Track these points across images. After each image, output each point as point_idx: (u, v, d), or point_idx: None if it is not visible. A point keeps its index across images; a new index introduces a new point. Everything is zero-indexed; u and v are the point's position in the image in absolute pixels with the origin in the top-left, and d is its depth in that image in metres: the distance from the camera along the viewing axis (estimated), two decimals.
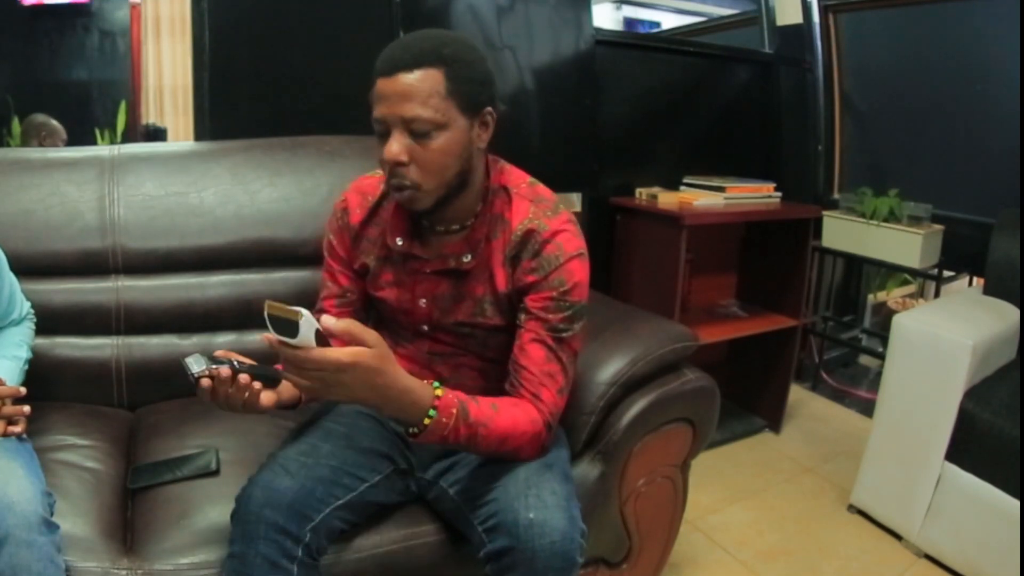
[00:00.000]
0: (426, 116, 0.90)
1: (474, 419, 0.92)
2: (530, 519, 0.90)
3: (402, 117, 0.90)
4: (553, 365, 1.00)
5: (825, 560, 1.71)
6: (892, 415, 1.76)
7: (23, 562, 0.81)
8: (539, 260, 1.00)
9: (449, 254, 1.04)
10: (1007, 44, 2.11)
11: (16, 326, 1.20)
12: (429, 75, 0.89)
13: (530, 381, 0.99)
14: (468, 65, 0.93)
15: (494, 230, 1.03)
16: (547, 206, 1.03)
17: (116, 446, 1.24)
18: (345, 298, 1.16)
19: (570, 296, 0.99)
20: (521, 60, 2.07)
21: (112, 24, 2.83)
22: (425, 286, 1.07)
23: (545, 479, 0.95)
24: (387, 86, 0.90)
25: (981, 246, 1.96)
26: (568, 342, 1.01)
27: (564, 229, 1.01)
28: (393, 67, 0.90)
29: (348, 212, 1.12)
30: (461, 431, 0.91)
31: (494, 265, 1.03)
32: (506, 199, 1.04)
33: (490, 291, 1.04)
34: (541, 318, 1.00)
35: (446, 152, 0.93)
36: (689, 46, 2.55)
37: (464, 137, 0.94)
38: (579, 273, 1.00)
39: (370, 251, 1.11)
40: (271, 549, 0.89)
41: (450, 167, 0.94)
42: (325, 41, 1.79)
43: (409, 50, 0.91)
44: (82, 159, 1.45)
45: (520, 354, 1.00)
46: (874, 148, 2.70)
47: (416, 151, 0.92)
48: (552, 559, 0.89)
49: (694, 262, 2.24)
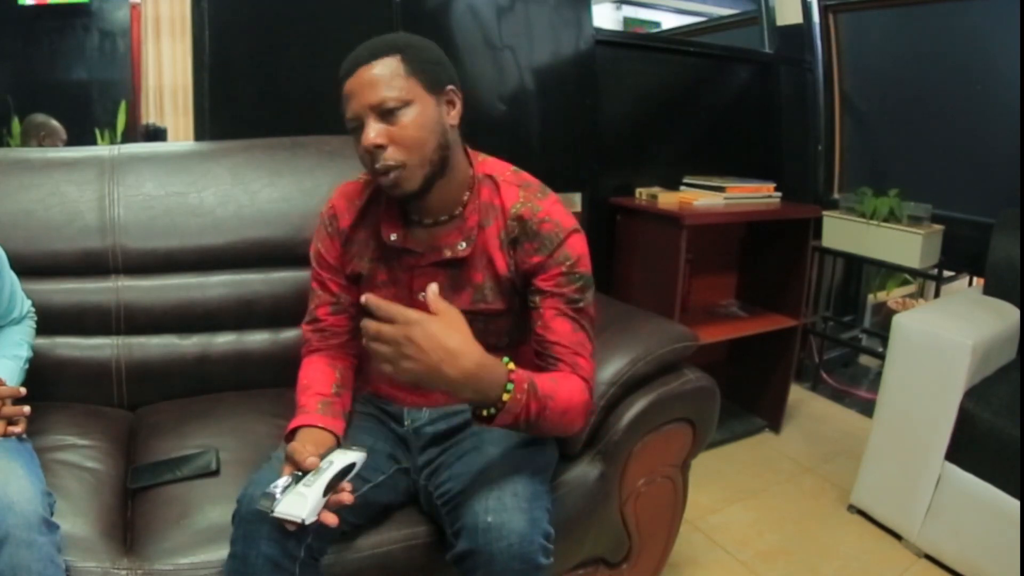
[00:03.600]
0: (392, 95, 0.94)
1: (543, 392, 0.93)
2: (488, 523, 0.90)
3: (370, 104, 0.94)
4: (580, 334, 1.03)
5: (825, 560, 1.71)
6: (892, 415, 1.76)
7: (23, 562, 0.81)
8: (540, 240, 1.03)
9: (444, 245, 1.06)
10: (1007, 44, 2.11)
11: (16, 325, 1.20)
12: (386, 62, 0.95)
13: (565, 353, 1.02)
14: (421, 50, 0.99)
15: (487, 217, 1.06)
16: (535, 189, 1.07)
17: (116, 446, 1.24)
18: (339, 304, 1.15)
19: (578, 268, 1.03)
20: (521, 60, 2.07)
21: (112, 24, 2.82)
22: (422, 280, 1.07)
23: (510, 481, 0.95)
24: (351, 84, 0.96)
25: (981, 246, 1.96)
26: (585, 310, 1.05)
27: (555, 208, 1.05)
28: (354, 66, 0.96)
29: (337, 217, 1.13)
30: (532, 407, 0.92)
31: (492, 250, 1.05)
32: (493, 187, 1.07)
33: (491, 276, 1.06)
34: (557, 293, 1.03)
35: (419, 126, 0.96)
36: (689, 46, 2.55)
37: (433, 113, 0.98)
38: (580, 246, 1.04)
39: (362, 254, 1.12)
40: (273, 549, 0.90)
41: (427, 141, 0.97)
42: (325, 41, 1.79)
43: (365, 48, 0.97)
44: (82, 159, 1.45)
45: (546, 331, 1.03)
46: (874, 148, 2.70)
47: (391, 132, 0.95)
48: (510, 562, 0.89)
49: (694, 262, 2.24)
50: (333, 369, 1.13)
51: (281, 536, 0.90)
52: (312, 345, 1.17)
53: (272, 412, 1.31)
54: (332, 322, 1.16)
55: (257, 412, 1.32)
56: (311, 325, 1.17)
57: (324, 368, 1.13)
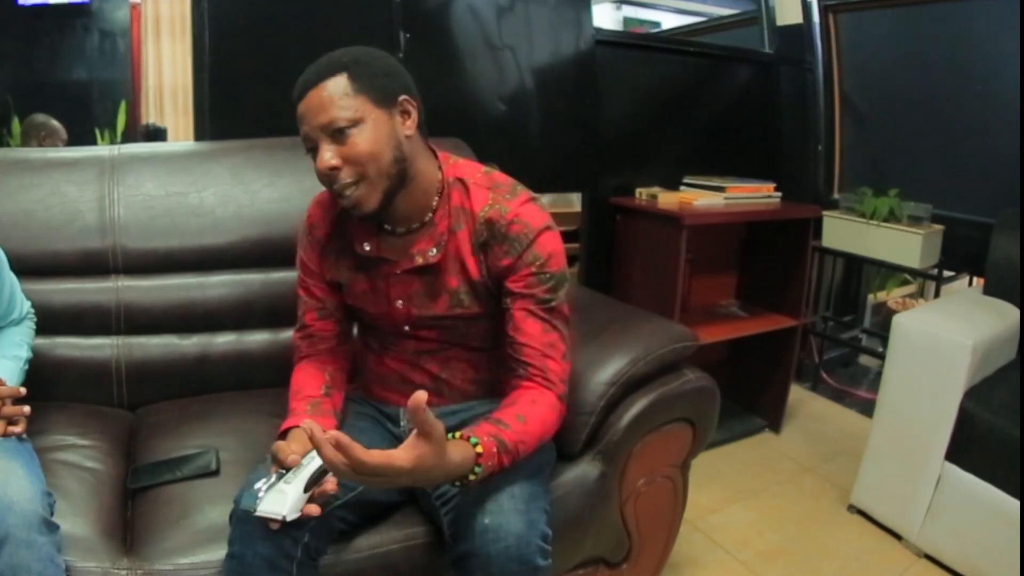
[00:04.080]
0: (341, 115, 0.94)
1: (512, 443, 0.92)
2: (485, 524, 0.91)
3: (320, 125, 0.94)
4: (551, 335, 1.03)
5: (825, 560, 1.71)
6: (892, 415, 1.76)
7: (23, 562, 0.81)
8: (509, 242, 1.02)
9: (416, 252, 1.06)
10: (1007, 44, 2.11)
11: (16, 325, 1.20)
12: (334, 81, 0.95)
13: (533, 355, 1.02)
14: (368, 64, 0.98)
15: (457, 221, 1.05)
16: (505, 190, 1.05)
17: (116, 446, 1.24)
18: (325, 309, 1.15)
19: (548, 267, 1.02)
20: (521, 60, 2.07)
21: (112, 24, 2.83)
22: (399, 288, 1.08)
23: (507, 483, 0.95)
24: (302, 107, 0.96)
25: (981, 246, 1.96)
26: (558, 309, 1.04)
27: (525, 208, 1.03)
28: (303, 89, 0.96)
29: (314, 227, 1.14)
30: (505, 462, 0.92)
31: (464, 255, 1.05)
32: (463, 190, 1.06)
33: (464, 281, 1.06)
34: (526, 295, 1.02)
35: (371, 142, 0.95)
36: (689, 46, 2.55)
37: (386, 127, 0.97)
38: (550, 244, 1.03)
39: (339, 263, 1.12)
40: (270, 550, 0.90)
41: (381, 156, 0.96)
42: (325, 41, 1.78)
43: (312, 71, 0.97)
44: (82, 159, 1.45)
45: (516, 333, 1.03)
46: (874, 148, 2.70)
47: (344, 152, 0.95)
48: (508, 563, 0.89)
49: (694, 262, 2.24)
50: (322, 372, 1.13)
51: (278, 536, 0.89)
52: (302, 352, 1.17)
53: (272, 412, 1.31)
54: (320, 327, 1.16)
55: (257, 412, 1.32)
56: (300, 332, 1.18)
57: (313, 372, 1.13)
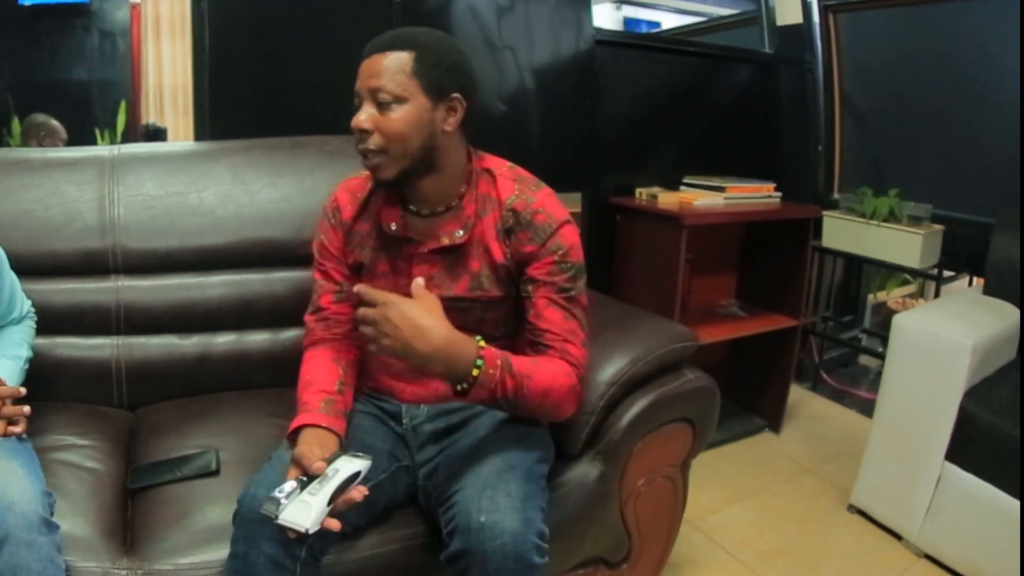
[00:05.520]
0: (388, 88, 0.99)
1: (518, 370, 0.97)
2: (481, 522, 0.91)
3: (369, 88, 1.01)
4: (572, 322, 1.07)
5: (825, 560, 1.71)
6: (892, 415, 1.76)
7: (23, 562, 0.81)
8: (533, 230, 1.07)
9: (442, 233, 1.10)
10: (1007, 44, 2.11)
11: (16, 325, 1.20)
12: (399, 56, 1.00)
13: (555, 340, 1.06)
14: (438, 53, 1.03)
15: (484, 207, 1.10)
16: (529, 183, 1.12)
17: (116, 446, 1.24)
18: (342, 292, 1.18)
19: (569, 257, 1.07)
20: (521, 60, 2.07)
21: (112, 24, 2.83)
22: (421, 268, 1.11)
23: (503, 481, 0.96)
24: (364, 64, 1.02)
25: (981, 246, 1.96)
26: (577, 299, 1.08)
27: (549, 200, 1.10)
28: (372, 50, 1.02)
29: (340, 209, 1.18)
30: (508, 383, 0.96)
31: (488, 240, 1.09)
32: (490, 180, 1.12)
33: (487, 264, 1.10)
34: (548, 282, 1.06)
35: (405, 123, 1.01)
36: (689, 46, 2.55)
37: (425, 115, 1.02)
38: (571, 236, 1.08)
39: (363, 244, 1.16)
40: (275, 549, 0.90)
41: (410, 139, 1.01)
42: (325, 41, 1.79)
43: (387, 36, 1.03)
44: (82, 159, 1.45)
45: (538, 320, 1.07)
46: (874, 148, 2.70)
47: (380, 120, 1.01)
48: (504, 561, 0.90)
49: (694, 262, 2.24)
50: (337, 365, 1.14)
51: (283, 536, 0.89)
52: (315, 335, 1.18)
53: (272, 412, 1.31)
54: (336, 310, 1.18)
55: (257, 412, 1.32)
56: (315, 315, 1.19)
57: (327, 363, 1.13)
